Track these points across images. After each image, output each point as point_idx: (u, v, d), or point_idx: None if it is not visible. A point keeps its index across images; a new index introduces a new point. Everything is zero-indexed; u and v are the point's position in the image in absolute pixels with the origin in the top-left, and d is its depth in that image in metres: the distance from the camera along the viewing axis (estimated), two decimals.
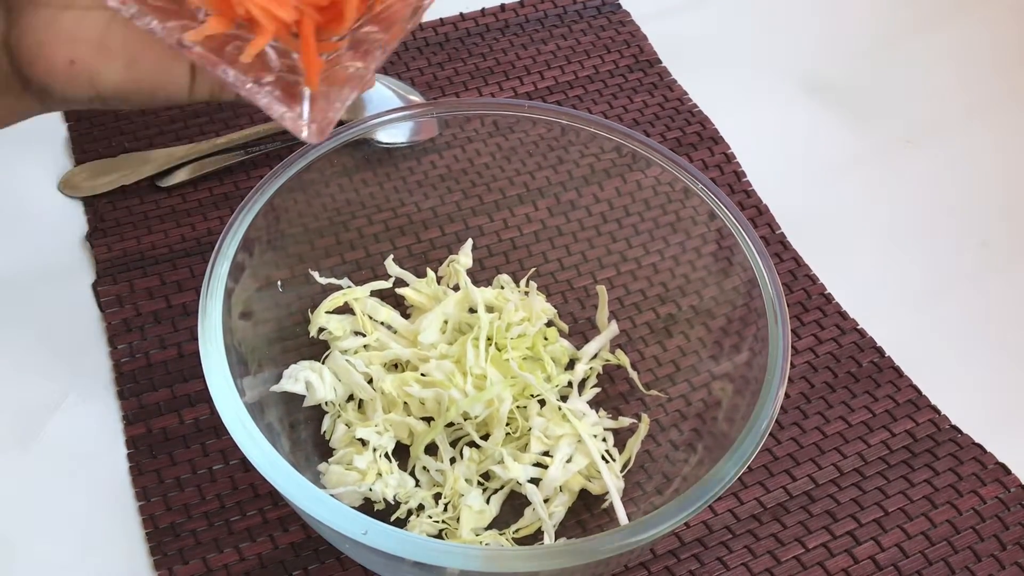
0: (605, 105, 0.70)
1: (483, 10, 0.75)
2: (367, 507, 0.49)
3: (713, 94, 0.72)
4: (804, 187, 0.67)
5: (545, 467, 0.50)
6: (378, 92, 0.66)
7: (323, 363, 0.52)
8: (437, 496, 0.50)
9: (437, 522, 0.49)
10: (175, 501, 0.50)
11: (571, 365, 0.55)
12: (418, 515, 0.49)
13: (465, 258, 0.56)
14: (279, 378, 0.50)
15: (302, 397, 0.51)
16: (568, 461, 0.50)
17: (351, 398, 0.53)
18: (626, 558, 0.48)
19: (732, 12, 0.79)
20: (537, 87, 0.71)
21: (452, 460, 0.51)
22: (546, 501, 0.49)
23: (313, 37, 0.39)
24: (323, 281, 0.54)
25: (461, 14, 0.75)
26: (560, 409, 0.51)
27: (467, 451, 0.50)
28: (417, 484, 0.50)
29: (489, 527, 0.49)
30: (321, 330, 0.53)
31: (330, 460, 0.50)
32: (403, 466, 0.51)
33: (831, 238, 0.64)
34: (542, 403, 0.52)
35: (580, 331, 0.57)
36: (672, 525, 0.40)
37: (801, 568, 0.50)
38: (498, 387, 0.50)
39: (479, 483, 0.50)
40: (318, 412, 0.52)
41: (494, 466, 0.50)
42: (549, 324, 0.56)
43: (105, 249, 0.60)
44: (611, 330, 0.56)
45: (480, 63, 0.72)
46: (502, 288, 0.56)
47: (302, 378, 0.51)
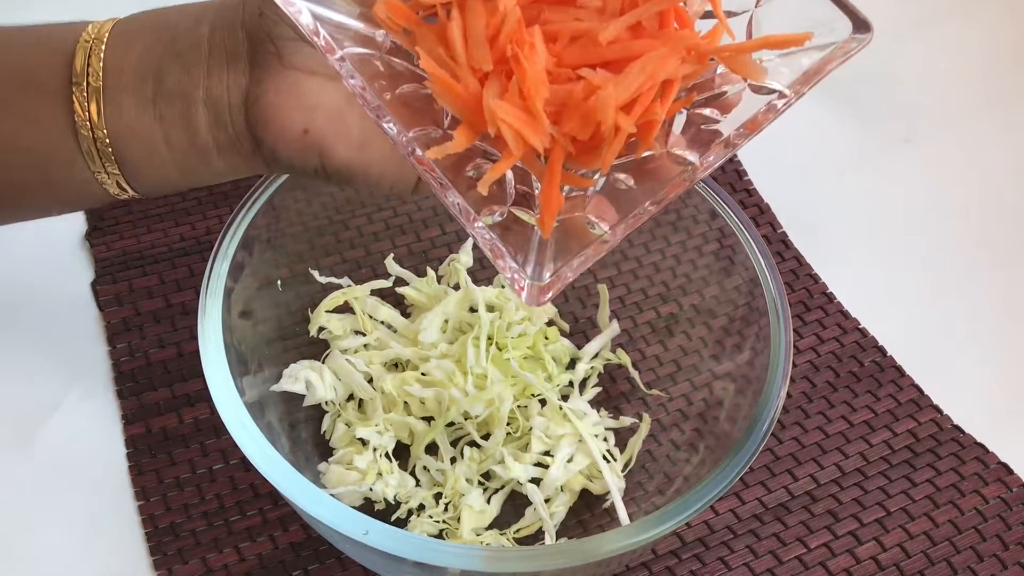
0: None
1: None
2: (367, 507, 0.49)
3: None
4: (805, 186, 0.67)
5: (546, 467, 0.50)
6: None
7: (323, 362, 0.52)
8: (438, 496, 0.50)
9: (438, 522, 0.49)
10: (175, 501, 0.50)
11: (572, 365, 0.55)
12: (419, 515, 0.49)
13: (465, 257, 0.56)
14: (279, 377, 0.50)
15: (302, 396, 0.51)
16: (569, 461, 0.50)
17: (351, 397, 0.52)
18: (627, 558, 0.48)
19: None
20: None
21: (453, 460, 0.50)
22: (547, 501, 0.49)
23: (559, 169, 0.34)
24: (323, 280, 0.54)
25: None
26: (561, 409, 0.51)
27: (468, 451, 0.50)
28: (417, 484, 0.50)
29: (490, 527, 0.49)
30: (321, 329, 0.53)
31: (330, 460, 0.50)
32: (403, 466, 0.50)
33: (833, 237, 0.64)
34: (543, 403, 0.52)
35: (581, 330, 0.57)
36: (674, 525, 0.40)
37: (803, 568, 0.49)
38: (499, 386, 0.50)
39: (480, 483, 0.50)
40: (318, 412, 0.52)
41: (495, 466, 0.50)
42: (549, 323, 0.56)
43: (104, 248, 0.59)
44: (612, 329, 0.56)
45: None
46: (503, 287, 0.56)
47: (302, 377, 0.50)
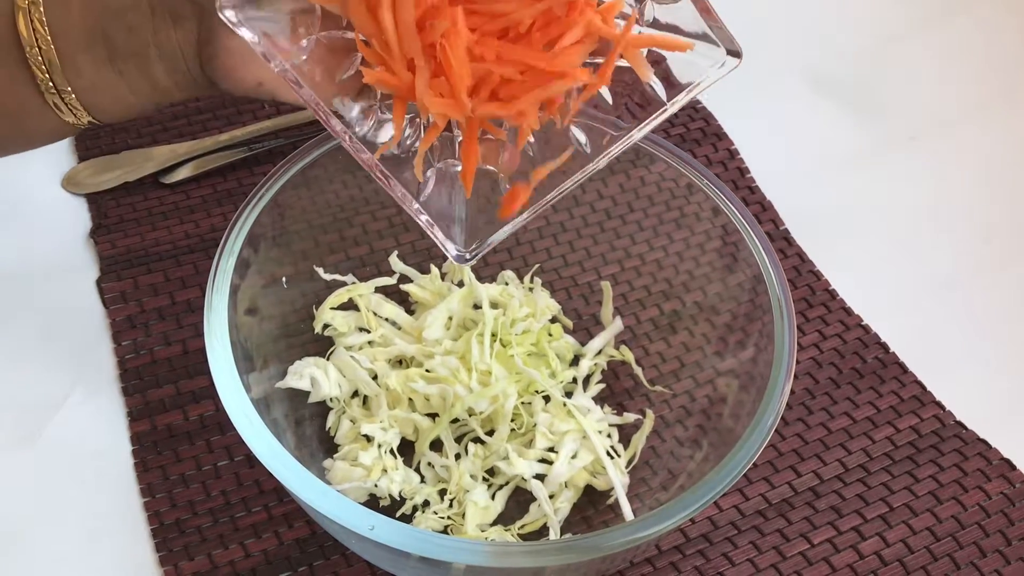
0: None
1: None
2: (372, 503, 0.49)
3: (716, 90, 0.71)
4: (808, 183, 0.67)
5: (550, 463, 0.50)
6: None
7: (328, 359, 0.52)
8: (442, 492, 0.50)
9: (442, 518, 0.49)
10: (180, 497, 0.50)
11: (576, 361, 0.55)
12: (423, 511, 0.49)
13: None
14: (284, 374, 0.50)
15: (307, 393, 0.51)
16: (573, 457, 0.50)
17: (356, 394, 0.53)
18: (631, 554, 0.48)
19: (735, 8, 0.79)
20: None
21: (457, 456, 0.51)
22: (551, 497, 0.49)
23: (476, 138, 0.40)
24: (327, 277, 0.54)
25: None
26: (565, 405, 0.51)
27: (472, 447, 0.50)
28: (422, 480, 0.50)
29: (494, 523, 0.49)
30: (326, 326, 0.53)
31: (335, 456, 0.50)
32: (408, 462, 0.51)
33: (835, 234, 0.64)
34: (547, 399, 0.52)
35: (584, 327, 0.57)
36: (677, 521, 0.40)
37: (807, 564, 0.50)
38: (503, 383, 0.50)
39: (484, 479, 0.50)
40: (323, 408, 0.52)
41: (499, 462, 0.50)
42: (553, 320, 0.56)
43: (109, 246, 0.60)
44: (615, 326, 0.56)
45: None
46: (506, 284, 0.56)
47: (307, 374, 0.51)
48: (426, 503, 0.49)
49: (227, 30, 0.40)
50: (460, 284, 0.56)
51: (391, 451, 0.50)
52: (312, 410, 0.52)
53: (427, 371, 0.52)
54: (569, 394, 0.53)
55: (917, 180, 0.68)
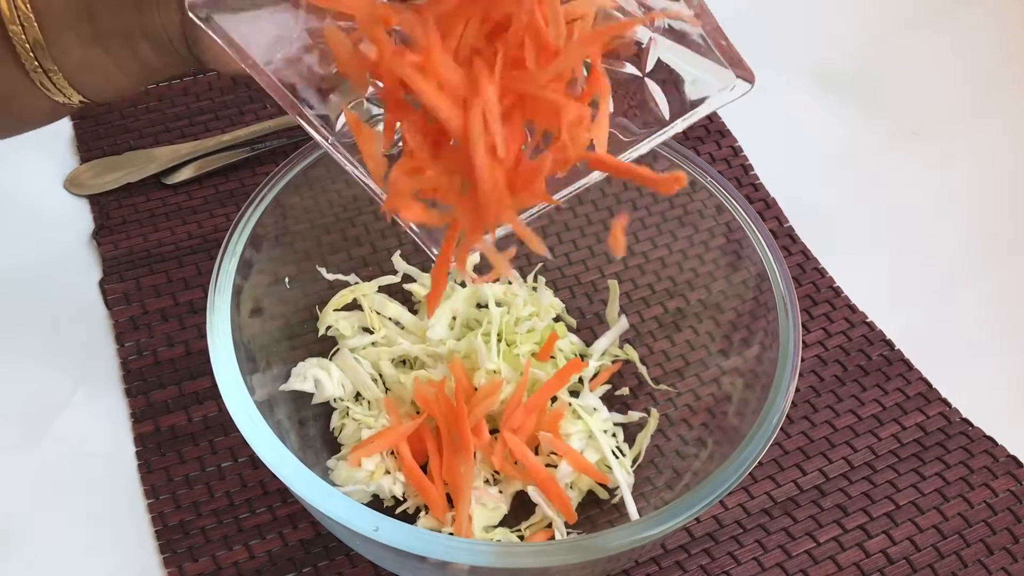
0: None
1: None
2: (375, 504, 0.49)
3: None
4: (812, 180, 0.67)
5: (554, 467, 0.50)
6: None
7: (331, 360, 0.52)
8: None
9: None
10: (184, 499, 0.50)
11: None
12: (426, 512, 0.49)
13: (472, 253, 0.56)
14: (287, 375, 0.50)
15: (311, 394, 0.51)
16: None
17: (360, 395, 0.52)
18: (637, 553, 0.48)
19: (738, 3, 0.78)
20: None
21: None
22: None
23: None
24: (330, 277, 0.54)
25: None
26: (571, 405, 0.51)
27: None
28: None
29: (500, 523, 0.49)
30: (329, 327, 0.53)
31: (339, 457, 0.50)
32: None
33: (840, 231, 0.64)
34: (553, 399, 0.52)
35: (588, 326, 0.57)
36: (683, 520, 0.40)
37: (812, 562, 0.49)
38: (512, 385, 0.50)
39: (488, 481, 0.50)
40: (327, 409, 0.52)
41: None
42: (557, 319, 0.56)
43: (111, 247, 0.59)
44: (621, 325, 0.56)
45: None
46: (510, 283, 0.56)
47: (311, 376, 0.50)
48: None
49: None
50: (463, 284, 0.55)
51: (395, 452, 0.50)
52: (316, 411, 0.51)
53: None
54: (575, 393, 0.53)
55: (921, 176, 0.68)
